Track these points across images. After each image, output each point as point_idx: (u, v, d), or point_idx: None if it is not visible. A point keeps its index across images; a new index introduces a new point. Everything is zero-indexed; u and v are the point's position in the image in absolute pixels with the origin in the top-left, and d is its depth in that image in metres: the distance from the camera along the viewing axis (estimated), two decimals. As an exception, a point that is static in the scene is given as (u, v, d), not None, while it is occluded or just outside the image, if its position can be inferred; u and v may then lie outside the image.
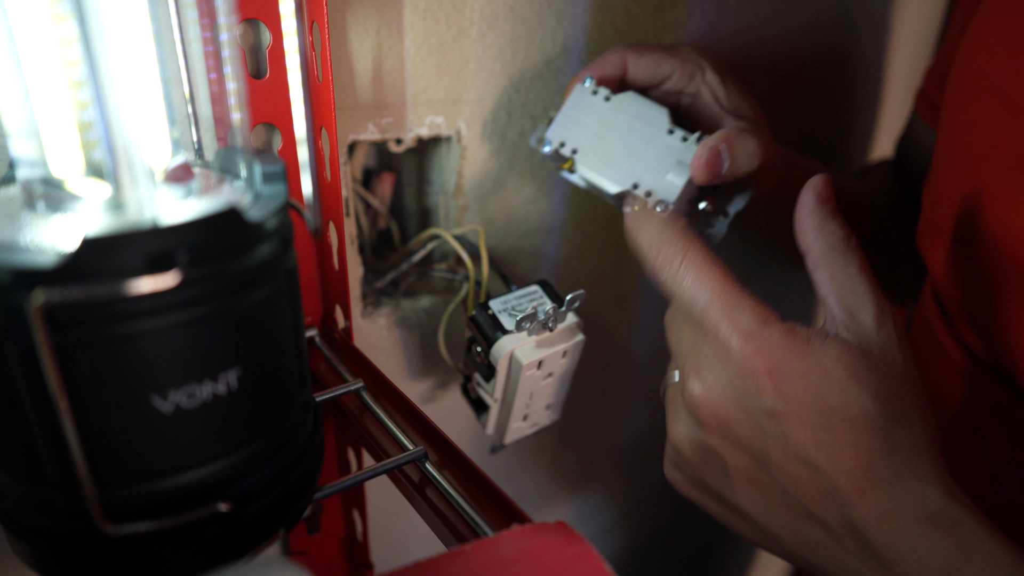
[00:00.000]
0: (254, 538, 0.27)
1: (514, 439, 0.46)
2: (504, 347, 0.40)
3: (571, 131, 0.42)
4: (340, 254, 0.40)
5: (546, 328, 0.41)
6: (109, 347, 0.21)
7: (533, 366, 0.41)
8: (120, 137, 0.22)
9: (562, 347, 0.42)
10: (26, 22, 0.21)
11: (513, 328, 0.40)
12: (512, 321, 0.41)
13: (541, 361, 0.41)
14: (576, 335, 0.43)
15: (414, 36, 0.44)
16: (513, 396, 0.43)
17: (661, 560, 0.91)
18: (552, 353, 0.42)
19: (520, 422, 0.45)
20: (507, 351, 0.40)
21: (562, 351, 0.42)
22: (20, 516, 0.25)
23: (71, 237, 0.22)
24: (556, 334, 0.42)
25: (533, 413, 0.46)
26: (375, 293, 0.52)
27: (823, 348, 0.28)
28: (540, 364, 0.41)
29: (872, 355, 0.28)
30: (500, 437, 0.46)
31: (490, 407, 0.44)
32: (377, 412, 0.36)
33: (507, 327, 0.41)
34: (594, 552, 0.24)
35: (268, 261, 0.24)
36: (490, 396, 0.43)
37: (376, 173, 0.52)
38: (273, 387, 0.26)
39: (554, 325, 0.41)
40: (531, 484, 0.68)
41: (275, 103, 0.37)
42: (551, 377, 0.43)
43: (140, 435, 0.22)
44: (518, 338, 0.41)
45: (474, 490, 0.31)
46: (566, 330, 0.42)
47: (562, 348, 0.42)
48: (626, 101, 0.42)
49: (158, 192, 0.24)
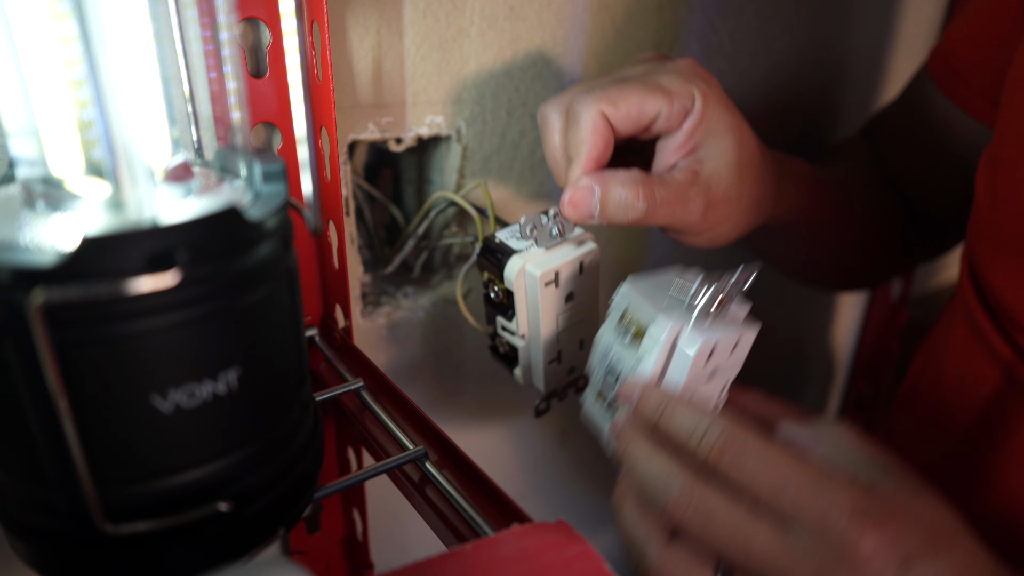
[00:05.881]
0: (254, 538, 0.26)
1: (553, 387, 0.42)
2: (515, 265, 0.38)
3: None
4: (340, 253, 0.40)
5: (556, 237, 0.38)
6: (109, 346, 0.21)
7: (550, 279, 0.38)
8: (120, 136, 0.22)
9: (577, 256, 0.38)
10: (26, 21, 0.21)
11: (523, 248, 0.38)
12: (522, 243, 0.38)
13: (557, 273, 0.38)
14: (587, 243, 0.39)
15: (414, 35, 0.44)
16: (537, 323, 0.39)
17: (661, 560, 0.91)
18: (567, 263, 0.38)
19: (555, 364, 0.41)
20: (519, 267, 0.37)
21: (578, 262, 0.38)
22: (20, 516, 0.25)
23: (71, 236, 0.22)
24: (569, 247, 0.39)
25: (566, 352, 0.41)
26: (382, 281, 0.52)
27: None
28: (557, 278, 0.38)
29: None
30: (537, 385, 0.42)
31: (519, 352, 0.40)
32: (377, 412, 0.36)
33: (517, 248, 0.38)
34: (594, 552, 0.24)
35: (268, 260, 0.24)
36: (516, 336, 0.40)
37: (377, 171, 0.52)
38: (273, 386, 0.26)
39: (564, 232, 0.38)
40: (531, 484, 0.68)
41: (275, 102, 0.37)
42: (574, 301, 0.40)
43: (140, 435, 0.22)
44: (529, 254, 0.38)
45: (474, 490, 0.31)
46: (577, 241, 0.39)
47: (577, 257, 0.38)
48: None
49: (158, 191, 0.24)
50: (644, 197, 0.36)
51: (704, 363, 0.34)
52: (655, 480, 0.31)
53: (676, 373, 0.34)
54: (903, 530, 0.28)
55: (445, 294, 0.53)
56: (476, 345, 0.55)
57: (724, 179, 0.38)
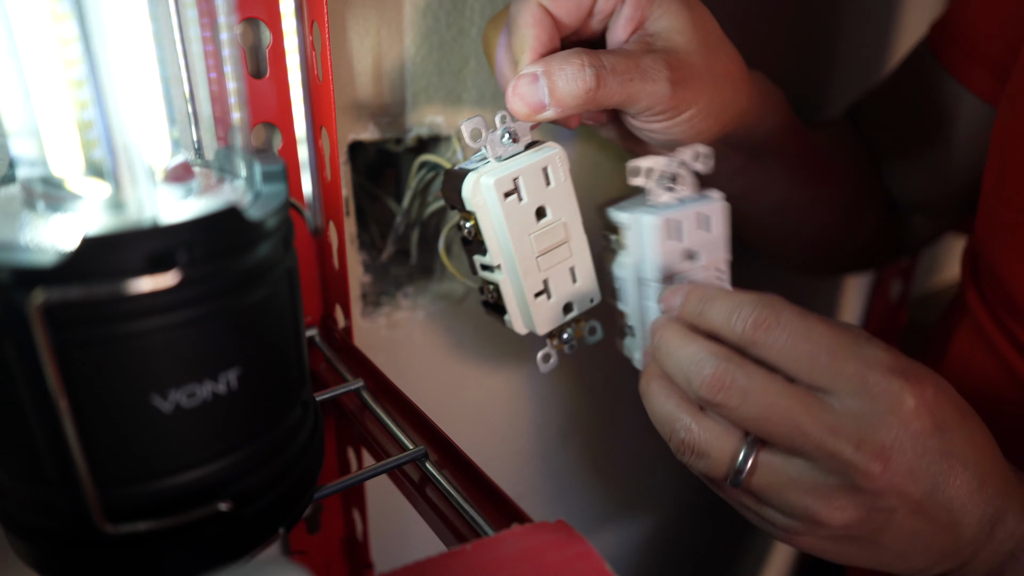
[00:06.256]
0: (254, 538, 0.27)
1: (552, 327, 0.38)
2: (469, 182, 0.34)
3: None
4: (340, 254, 0.40)
5: (508, 143, 0.35)
6: (109, 346, 0.21)
7: (508, 188, 0.34)
8: (120, 136, 0.22)
9: (537, 160, 0.35)
10: (26, 21, 0.21)
11: (475, 166, 0.35)
12: (481, 164, 0.35)
13: (516, 180, 0.34)
14: (548, 146, 0.36)
15: (414, 36, 0.44)
16: (510, 248, 0.35)
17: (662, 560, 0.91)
18: (526, 168, 0.34)
19: (544, 299, 0.37)
20: (473, 182, 0.34)
21: (539, 168, 0.35)
22: (20, 516, 0.25)
23: (71, 236, 0.22)
24: (528, 153, 0.35)
25: (556, 283, 0.37)
26: (382, 281, 0.52)
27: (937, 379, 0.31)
28: (518, 187, 0.34)
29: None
30: (532, 328, 0.38)
31: (502, 292, 0.37)
32: (377, 412, 0.36)
33: (473, 168, 0.35)
34: (594, 552, 0.24)
35: (268, 260, 0.24)
36: (494, 271, 0.37)
37: (379, 171, 0.52)
38: (273, 386, 0.26)
39: (518, 137, 0.35)
40: (531, 484, 0.68)
41: (275, 103, 0.37)
42: (549, 219, 0.36)
43: (140, 435, 0.22)
44: (484, 168, 0.34)
45: (474, 489, 0.31)
46: (540, 148, 0.36)
47: (537, 162, 0.35)
48: None
49: (158, 191, 0.24)
50: (590, 63, 0.33)
51: (672, 239, 0.36)
52: (690, 363, 0.31)
53: (649, 253, 0.36)
54: (938, 395, 0.29)
55: (445, 294, 0.53)
56: (476, 344, 0.55)
57: (682, 47, 0.35)
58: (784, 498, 0.30)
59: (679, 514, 0.88)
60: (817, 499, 0.29)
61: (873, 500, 0.29)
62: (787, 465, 0.30)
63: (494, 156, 0.34)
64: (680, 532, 0.90)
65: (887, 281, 0.88)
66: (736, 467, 0.30)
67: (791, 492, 0.30)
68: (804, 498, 0.29)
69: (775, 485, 0.30)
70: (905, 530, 0.30)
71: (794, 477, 0.30)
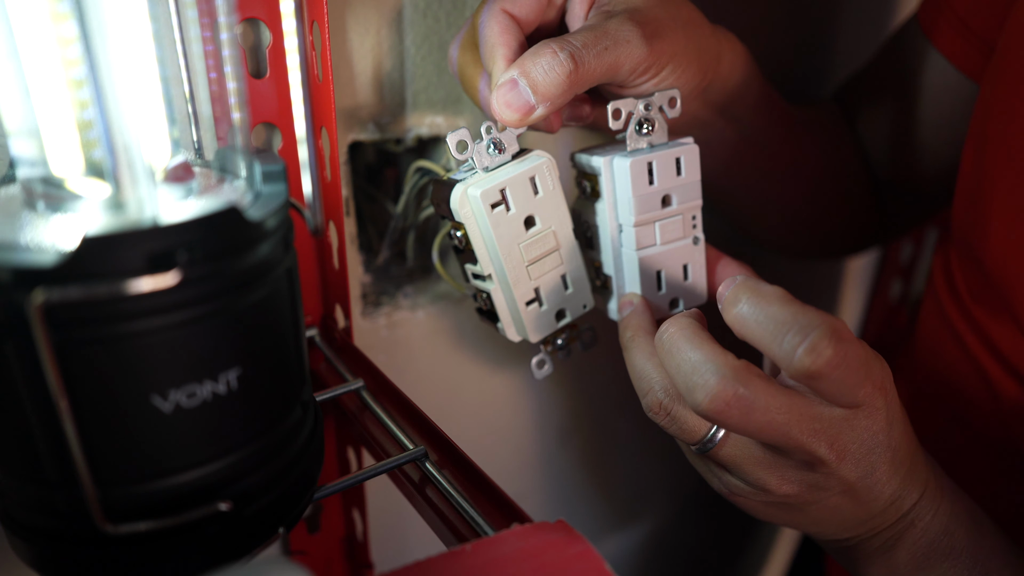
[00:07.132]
0: (254, 538, 0.27)
1: (544, 334, 0.39)
2: (457, 193, 0.34)
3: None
4: (340, 254, 0.40)
5: (494, 154, 0.35)
6: (109, 346, 0.21)
7: (495, 199, 0.34)
8: (120, 136, 0.22)
9: (524, 170, 0.35)
10: (26, 21, 0.21)
11: (464, 175, 0.35)
12: (469, 174, 0.35)
13: (503, 191, 0.34)
14: (536, 155, 0.36)
15: (414, 36, 0.44)
16: (499, 257, 0.35)
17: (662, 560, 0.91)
18: (513, 178, 0.34)
19: (536, 307, 0.38)
20: (460, 193, 0.34)
21: (526, 177, 0.35)
22: (20, 516, 0.25)
23: (71, 236, 0.22)
24: (515, 163, 0.35)
25: (547, 291, 0.38)
26: (382, 281, 0.52)
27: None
28: (505, 197, 0.35)
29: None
30: (525, 335, 0.39)
31: (493, 300, 0.37)
32: (377, 412, 0.36)
33: (461, 179, 0.35)
34: (594, 552, 0.24)
35: (268, 260, 0.24)
36: (485, 279, 0.37)
37: (379, 171, 0.52)
38: (273, 387, 0.26)
39: (503, 148, 0.35)
40: (531, 484, 0.68)
41: (275, 103, 0.37)
42: (538, 227, 0.36)
43: (140, 434, 0.22)
44: (471, 179, 0.35)
45: (474, 489, 0.31)
46: (528, 157, 0.36)
47: (524, 172, 0.35)
48: None
49: (158, 191, 0.24)
50: (560, 48, 0.32)
51: (646, 183, 0.36)
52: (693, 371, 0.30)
53: (623, 196, 0.37)
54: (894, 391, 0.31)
55: (445, 294, 0.53)
56: (476, 344, 0.55)
57: (642, 4, 0.35)
58: (744, 469, 0.32)
59: (679, 514, 0.88)
60: (772, 474, 0.31)
61: (818, 480, 0.31)
62: (755, 446, 0.32)
63: (481, 167, 0.35)
64: (680, 532, 0.90)
65: (887, 281, 0.88)
66: (707, 438, 0.32)
67: (752, 466, 0.32)
68: (761, 471, 0.32)
69: (739, 458, 0.32)
70: (830, 505, 0.32)
71: (758, 456, 0.32)
